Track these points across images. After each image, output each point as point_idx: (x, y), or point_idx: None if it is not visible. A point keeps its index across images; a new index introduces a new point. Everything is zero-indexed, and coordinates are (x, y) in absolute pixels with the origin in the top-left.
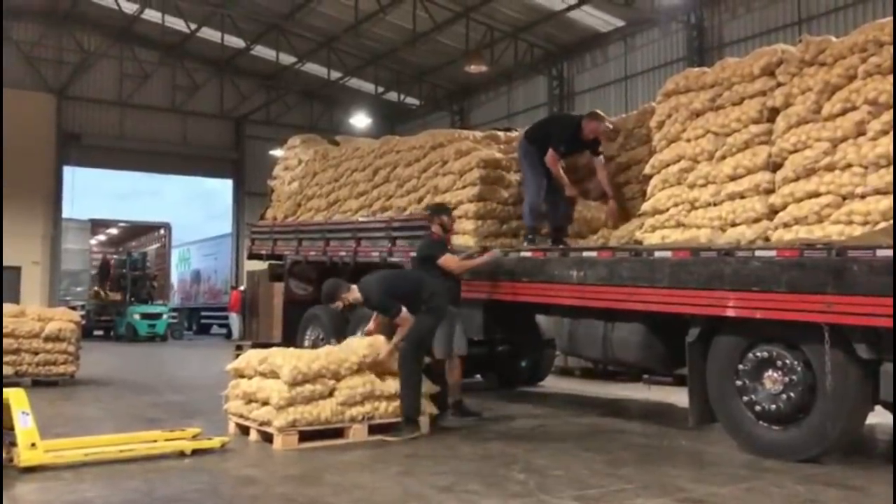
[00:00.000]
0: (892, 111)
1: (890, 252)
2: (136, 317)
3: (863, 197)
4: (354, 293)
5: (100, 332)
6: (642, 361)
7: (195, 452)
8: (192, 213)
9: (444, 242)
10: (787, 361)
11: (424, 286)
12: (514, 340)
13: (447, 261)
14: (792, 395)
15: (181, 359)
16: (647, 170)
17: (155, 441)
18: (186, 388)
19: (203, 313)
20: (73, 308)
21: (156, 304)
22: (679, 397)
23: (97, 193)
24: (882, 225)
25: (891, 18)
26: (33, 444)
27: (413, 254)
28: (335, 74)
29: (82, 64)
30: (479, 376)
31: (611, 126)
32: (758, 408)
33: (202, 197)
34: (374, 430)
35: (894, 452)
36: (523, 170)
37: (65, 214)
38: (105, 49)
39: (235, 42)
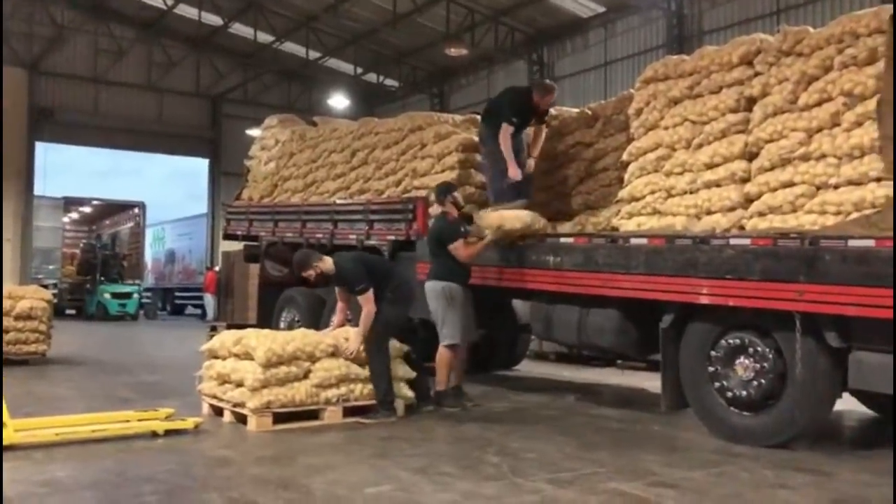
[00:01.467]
0: (866, 103)
1: (862, 242)
2: (107, 296)
3: (836, 188)
4: (327, 263)
5: (72, 312)
6: (616, 347)
7: (168, 433)
8: (172, 192)
9: (459, 225)
10: (759, 349)
11: (394, 274)
12: (491, 325)
13: (457, 249)
14: (763, 381)
15: (155, 339)
16: (625, 157)
17: (127, 421)
18: (160, 369)
19: (177, 294)
20: (45, 286)
21: (126, 284)
22: (652, 383)
23: (76, 171)
24: (854, 215)
25: (867, 11)
26: (3, 424)
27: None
28: (314, 54)
29: (55, 38)
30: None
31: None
32: (729, 394)
33: (183, 176)
34: (348, 412)
35: (894, 450)
36: (483, 155)
37: (37, 192)
38: (79, 24)
39: (213, 19)
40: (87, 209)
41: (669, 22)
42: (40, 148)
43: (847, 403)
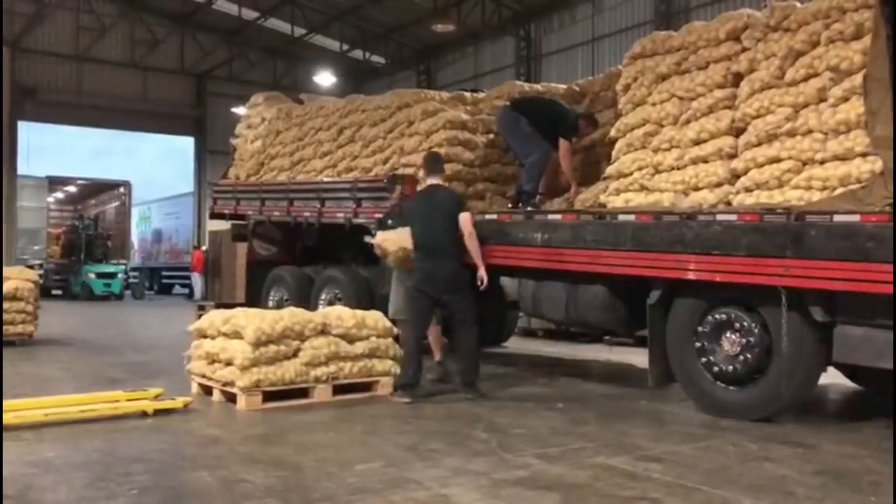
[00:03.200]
0: (853, 78)
1: (848, 218)
2: (92, 276)
3: (822, 163)
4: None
5: (58, 292)
6: (604, 323)
7: (157, 413)
8: (166, 171)
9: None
10: (745, 324)
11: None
12: (479, 302)
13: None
14: (749, 356)
15: (143, 319)
16: (613, 133)
17: (116, 401)
18: (148, 349)
19: (164, 273)
20: (31, 267)
21: (111, 264)
22: (639, 358)
23: (69, 151)
24: (840, 191)
25: None
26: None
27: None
28: (299, 31)
29: (36, 15)
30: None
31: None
32: (716, 369)
33: (176, 155)
34: (338, 390)
35: (894, 438)
36: (514, 137)
37: (23, 171)
38: (60, 1)
39: None
40: (72, 189)
41: None
42: (24, 127)
43: (831, 377)
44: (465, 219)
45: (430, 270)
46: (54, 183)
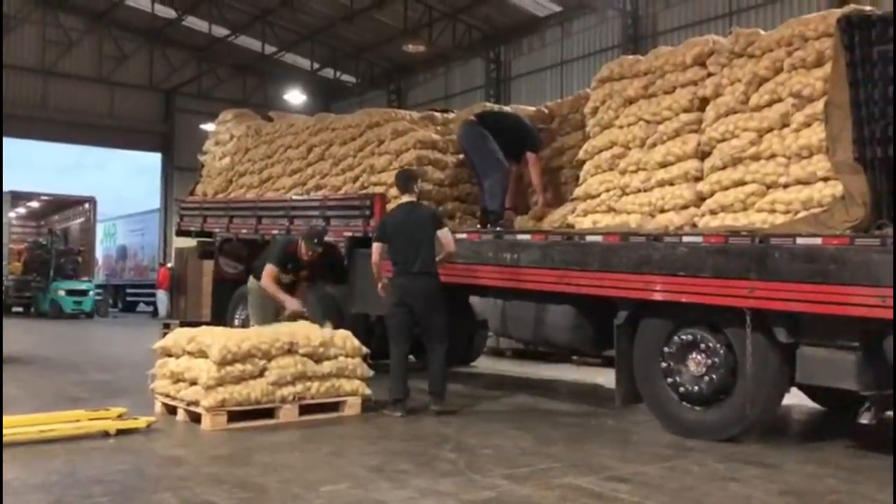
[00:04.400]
0: (814, 104)
1: (810, 241)
2: (61, 293)
3: (786, 187)
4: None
5: (19, 309)
6: (572, 343)
7: (120, 433)
8: (137, 187)
9: (286, 259)
10: (711, 344)
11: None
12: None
13: (448, 235)
14: (714, 377)
15: (106, 337)
16: (581, 155)
17: (78, 421)
18: (112, 367)
19: (129, 290)
20: None
21: (81, 281)
22: (606, 378)
23: (36, 166)
24: (802, 214)
25: (815, 14)
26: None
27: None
28: (269, 49)
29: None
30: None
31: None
32: (682, 389)
33: (147, 171)
34: (304, 410)
35: (894, 446)
36: (478, 152)
37: None
38: (26, 13)
39: (166, 11)
40: (35, 204)
41: (625, 22)
42: None
43: (794, 397)
44: (446, 234)
45: (406, 286)
46: (17, 198)
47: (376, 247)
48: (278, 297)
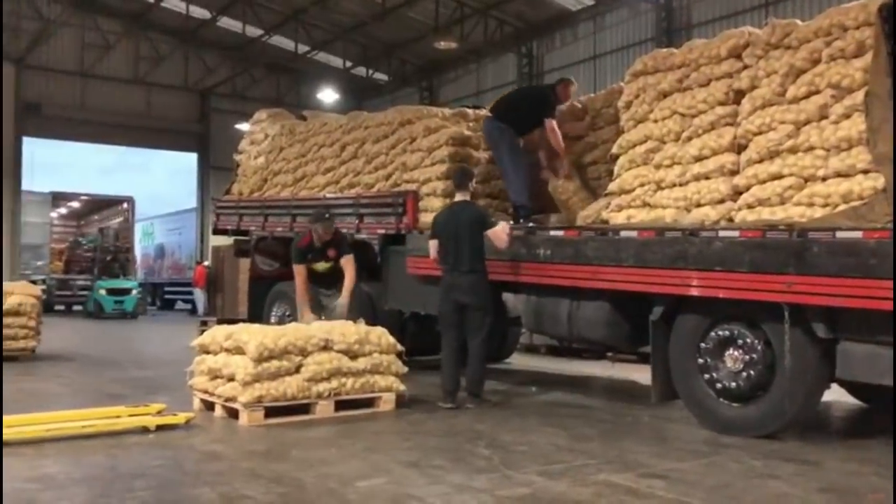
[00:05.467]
0: (854, 95)
1: (850, 234)
2: (102, 292)
3: (824, 180)
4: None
5: (61, 308)
6: (607, 339)
7: (159, 428)
8: (176, 187)
9: (305, 251)
10: (748, 340)
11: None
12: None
13: (499, 233)
14: (752, 372)
15: (145, 334)
16: (615, 150)
17: (118, 417)
18: (151, 364)
19: (167, 288)
20: (34, 282)
21: (124, 280)
22: (642, 375)
23: (80, 167)
24: (842, 207)
25: (855, 3)
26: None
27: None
28: (303, 48)
29: (42, 33)
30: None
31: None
32: (719, 385)
33: (186, 171)
34: (340, 406)
35: (894, 446)
36: (498, 149)
37: (29, 187)
38: (65, 18)
39: (200, 13)
40: (75, 204)
41: (658, 15)
42: (29, 143)
43: (834, 394)
44: (496, 233)
45: (454, 283)
46: (58, 199)
47: (432, 244)
48: (303, 308)
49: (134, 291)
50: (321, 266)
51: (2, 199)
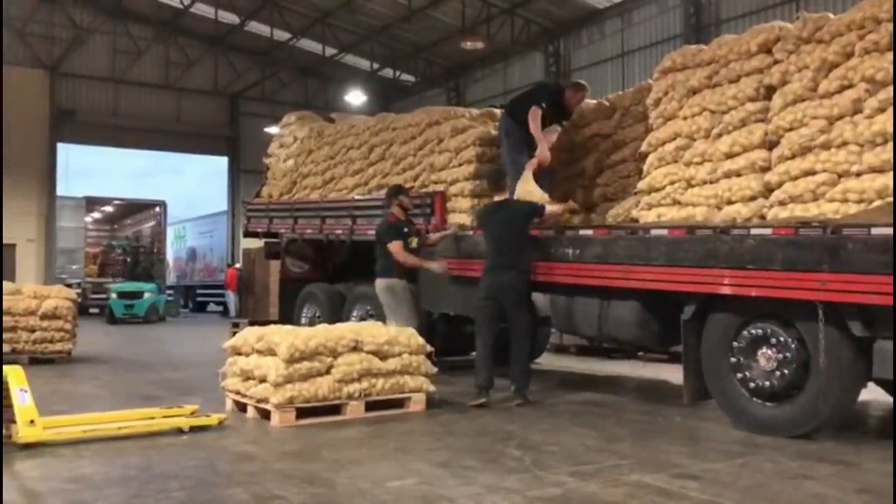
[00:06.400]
0: (889, 89)
1: (886, 230)
2: (114, 296)
3: (858, 175)
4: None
5: (95, 311)
6: (637, 339)
7: (193, 429)
8: (209, 190)
9: (399, 226)
10: (782, 339)
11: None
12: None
13: (395, 247)
14: (786, 371)
15: (178, 337)
16: (644, 147)
17: (153, 418)
18: (183, 366)
19: (199, 291)
20: (69, 286)
21: (137, 283)
22: (674, 374)
23: (115, 172)
24: (877, 203)
25: None
26: (32, 421)
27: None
28: (330, 51)
29: (75, 40)
30: (473, 353)
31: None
32: (752, 384)
33: (219, 175)
34: (370, 406)
35: (894, 438)
36: (503, 145)
37: (64, 192)
38: (98, 25)
39: (229, 18)
40: (109, 209)
41: (686, 11)
42: (63, 148)
43: (872, 392)
44: (392, 248)
45: (494, 281)
46: (92, 203)
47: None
48: (423, 264)
49: (147, 294)
50: (414, 241)
51: (2, 201)
